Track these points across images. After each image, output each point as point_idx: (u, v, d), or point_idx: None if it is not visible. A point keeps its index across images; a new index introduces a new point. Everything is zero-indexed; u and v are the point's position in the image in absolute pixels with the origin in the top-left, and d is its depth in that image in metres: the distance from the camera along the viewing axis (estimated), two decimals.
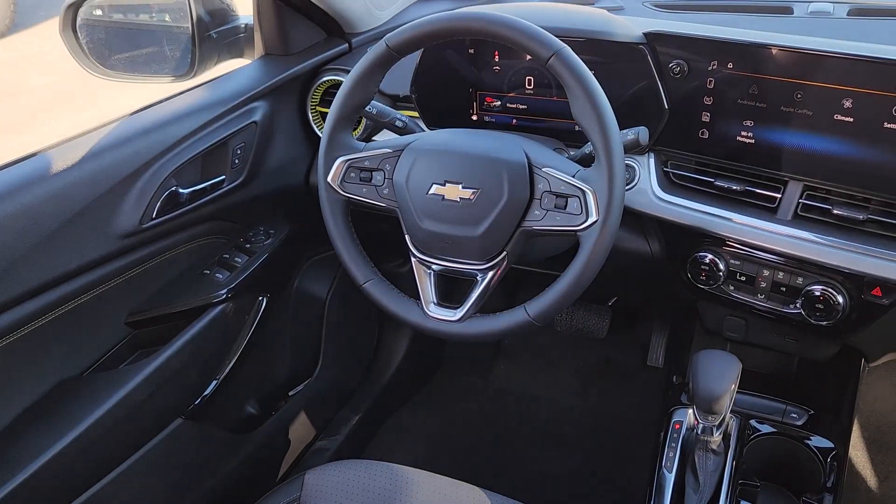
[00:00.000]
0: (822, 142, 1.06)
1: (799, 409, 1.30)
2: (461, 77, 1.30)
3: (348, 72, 1.12)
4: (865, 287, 1.09)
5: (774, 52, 1.05)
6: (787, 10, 1.38)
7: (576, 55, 0.97)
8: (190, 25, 1.30)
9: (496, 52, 1.26)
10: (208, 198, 1.28)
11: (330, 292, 1.73)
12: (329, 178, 1.12)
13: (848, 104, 1.02)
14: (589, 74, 0.97)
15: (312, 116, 1.45)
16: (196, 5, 1.29)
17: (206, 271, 1.34)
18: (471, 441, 1.98)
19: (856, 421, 1.44)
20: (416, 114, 1.34)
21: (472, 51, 1.27)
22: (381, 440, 1.97)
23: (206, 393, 1.32)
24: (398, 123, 1.23)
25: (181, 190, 1.23)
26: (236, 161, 1.32)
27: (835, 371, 1.40)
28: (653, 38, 1.15)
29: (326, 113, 1.16)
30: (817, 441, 1.23)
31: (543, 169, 1.02)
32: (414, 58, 1.28)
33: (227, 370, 1.36)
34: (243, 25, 1.43)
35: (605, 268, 1.00)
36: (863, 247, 1.06)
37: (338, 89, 1.11)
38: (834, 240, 1.08)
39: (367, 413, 1.90)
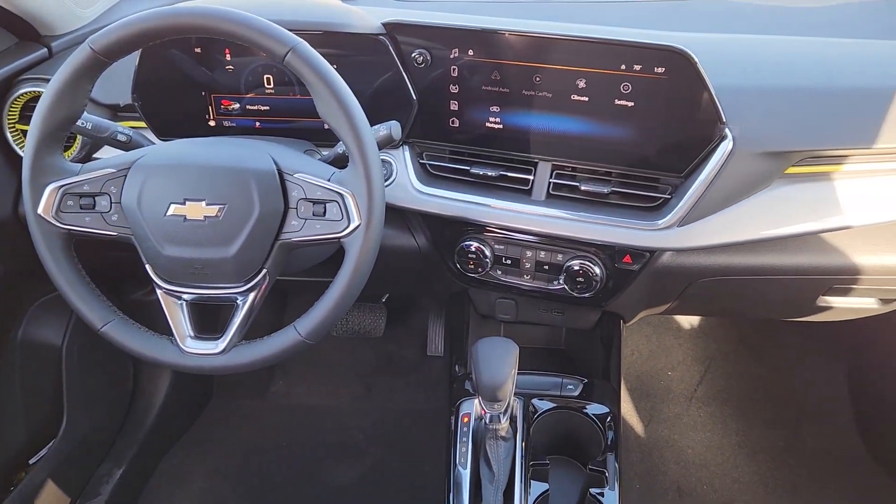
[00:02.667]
0: (563, 122, 1.10)
1: (574, 380, 1.36)
2: (191, 80, 1.16)
3: (49, 81, 0.95)
4: (617, 256, 1.15)
5: (510, 37, 1.06)
6: None
7: (314, 50, 0.90)
8: None
9: (227, 50, 1.14)
10: None
11: (66, 337, 1.50)
12: (40, 210, 0.95)
13: (582, 84, 1.06)
14: (330, 69, 0.90)
15: (12, 136, 1.22)
16: None
17: None
18: (255, 468, 1.85)
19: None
20: (142, 124, 1.19)
21: (198, 49, 1.15)
22: (155, 488, 1.77)
23: None
24: (120, 137, 1.07)
25: None
26: None
27: (598, 336, 1.48)
28: (392, 28, 1.11)
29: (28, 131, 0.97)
30: (594, 408, 1.29)
31: (296, 175, 0.94)
32: (132, 61, 1.12)
33: None
34: None
35: (375, 267, 0.95)
36: (610, 218, 1.11)
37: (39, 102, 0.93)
38: (584, 215, 1.12)
39: (133, 462, 1.69)
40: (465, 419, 1.26)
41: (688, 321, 2.10)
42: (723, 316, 2.04)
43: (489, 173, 1.15)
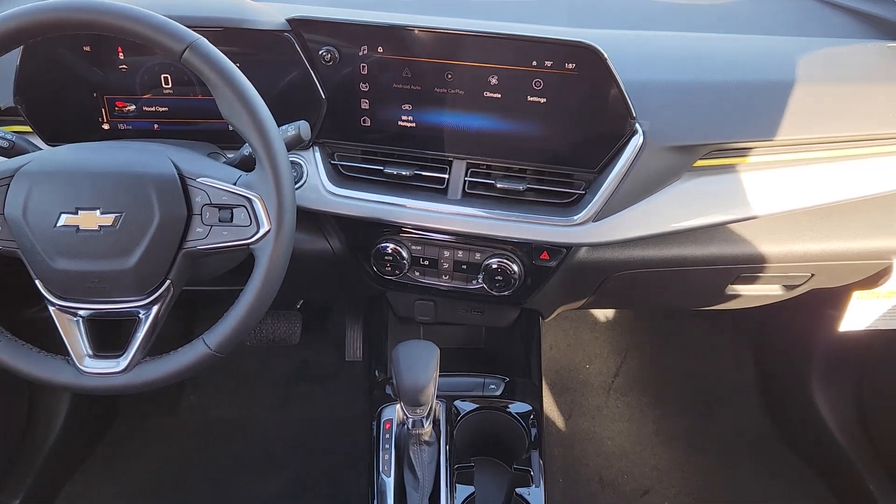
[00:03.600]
0: (476, 119, 1.08)
1: (495, 379, 1.35)
2: (81, 79, 1.09)
3: None
4: (535, 253, 1.15)
5: (420, 34, 1.04)
6: None
7: (213, 47, 0.85)
8: None
9: (119, 48, 1.07)
10: None
11: None
12: None
13: (494, 81, 1.05)
14: (232, 67, 0.86)
15: None
16: None
17: None
18: (169, 486, 1.76)
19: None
20: (27, 128, 1.10)
21: (88, 48, 1.07)
22: None
23: None
24: (2, 143, 0.99)
25: None
26: None
27: (518, 334, 1.48)
28: (297, 24, 1.06)
29: None
30: (516, 407, 1.29)
31: (199, 179, 0.89)
32: (12, 60, 1.04)
33: None
34: None
35: (288, 273, 0.91)
36: (526, 215, 1.11)
37: None
38: (500, 212, 1.11)
39: (31, 492, 1.58)
40: (387, 425, 1.23)
41: (603, 314, 2.14)
42: (638, 308, 2.09)
43: (403, 173, 1.12)
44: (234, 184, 0.89)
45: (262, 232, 0.88)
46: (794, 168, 1.12)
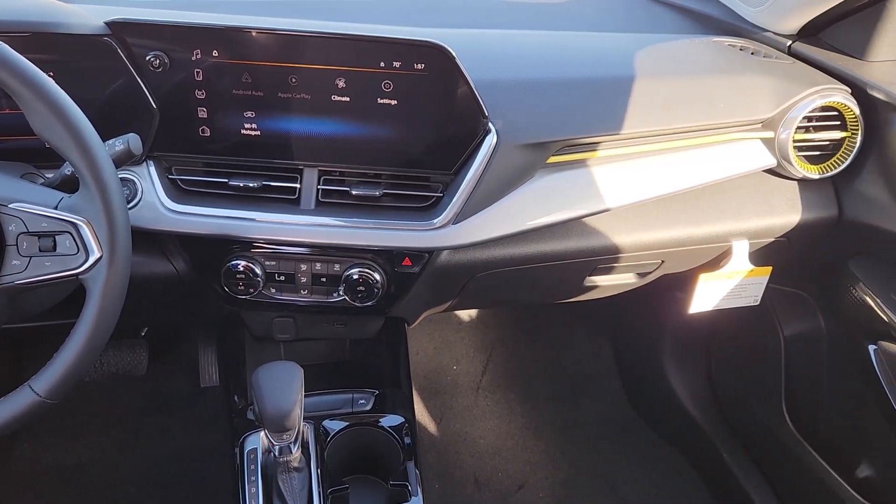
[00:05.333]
0: (325, 125, 1.03)
1: (364, 393, 1.31)
2: None
3: None
4: (396, 260, 1.12)
5: (258, 36, 0.97)
6: None
7: (17, 54, 0.75)
8: None
9: None
10: None
11: None
12: None
13: (342, 84, 1.00)
14: (41, 77, 0.76)
15: None
16: None
17: None
18: None
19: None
20: None
21: None
22: None
23: None
24: None
25: None
26: None
27: (384, 343, 1.45)
28: (119, 28, 0.96)
29: None
30: (388, 420, 1.25)
31: (11, 205, 0.78)
32: None
33: None
34: None
35: (127, 302, 0.83)
36: (384, 222, 1.07)
37: None
38: (357, 220, 1.07)
39: None
40: (252, 455, 1.15)
41: (467, 314, 2.15)
42: (501, 306, 2.11)
43: (250, 184, 1.05)
44: (55, 208, 0.79)
45: (92, 260, 0.78)
46: (640, 160, 1.15)
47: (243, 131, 1.03)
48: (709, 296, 1.33)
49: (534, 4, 1.45)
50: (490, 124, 1.03)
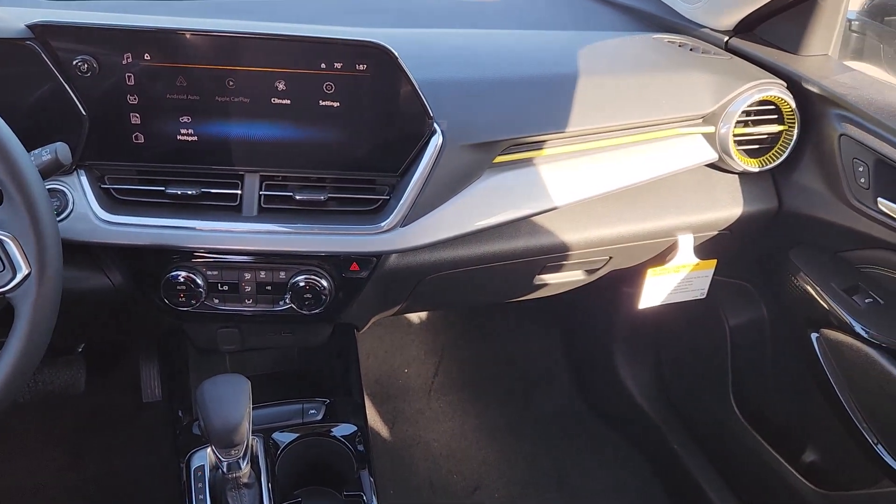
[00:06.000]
0: (265, 128, 1.00)
1: (315, 403, 1.28)
2: None
3: None
4: (343, 265, 1.09)
5: (192, 38, 0.93)
6: None
7: None
8: None
9: None
10: None
11: None
12: None
13: (282, 86, 0.97)
14: None
15: None
16: None
17: None
18: None
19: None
20: None
21: None
22: None
23: None
24: None
25: None
26: None
27: (334, 350, 1.42)
28: (42, 31, 0.92)
29: None
30: (340, 429, 1.23)
31: None
32: None
33: None
34: None
35: (61, 318, 0.79)
36: (330, 227, 1.05)
37: None
38: (302, 226, 1.04)
39: None
40: (199, 472, 1.11)
41: (417, 316, 2.13)
42: (451, 307, 2.10)
43: (189, 192, 1.01)
44: None
45: (19, 277, 0.74)
46: (585, 158, 1.15)
47: (179, 137, 0.99)
48: (657, 291, 1.34)
49: (475, 3, 1.44)
50: (435, 125, 1.01)
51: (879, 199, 1.10)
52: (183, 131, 0.99)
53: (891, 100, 1.11)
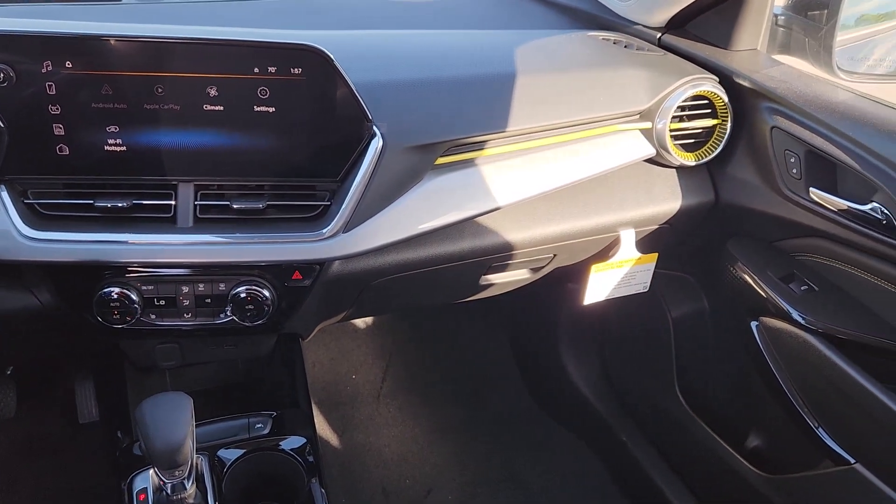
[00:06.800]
0: (198, 136, 0.97)
1: (262, 417, 1.24)
2: None
3: None
4: (285, 274, 1.07)
5: (117, 44, 0.89)
6: None
7: None
8: None
9: None
10: None
11: None
12: None
13: (214, 92, 0.94)
14: None
15: None
16: None
17: None
18: None
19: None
20: None
21: None
22: None
23: None
24: None
25: None
26: None
27: (279, 360, 1.38)
28: None
29: None
30: (289, 442, 1.20)
31: None
32: None
33: None
34: None
35: None
36: (270, 235, 1.02)
37: None
38: (241, 236, 1.01)
39: None
40: (142, 497, 1.07)
41: (363, 320, 2.11)
42: (398, 311, 2.08)
43: (119, 204, 0.97)
44: None
45: None
46: (526, 157, 1.15)
47: (107, 147, 0.94)
48: (601, 286, 1.35)
49: (412, 4, 1.43)
50: (374, 128, 1.00)
51: (811, 189, 1.13)
52: (110, 141, 0.94)
53: (818, 92, 1.14)
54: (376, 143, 1.00)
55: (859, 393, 1.06)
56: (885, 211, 1.03)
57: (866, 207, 1.05)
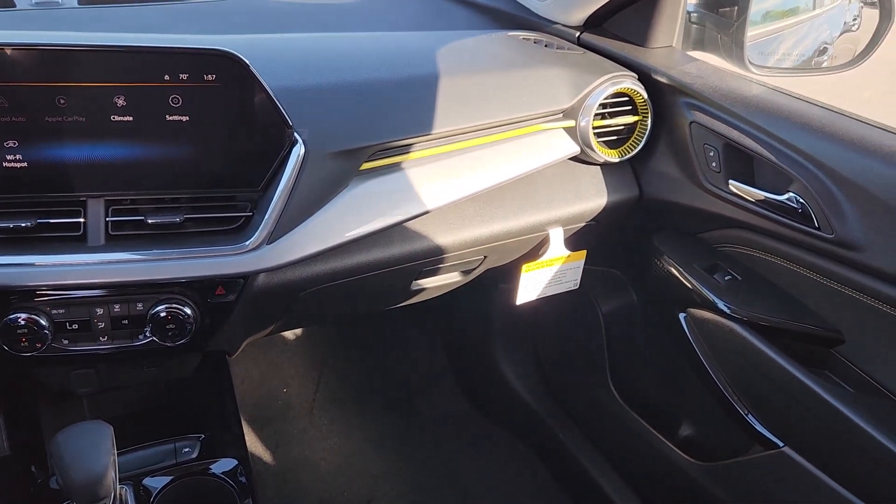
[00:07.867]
0: (107, 149, 0.91)
1: (189, 440, 1.18)
2: None
3: None
4: (208, 290, 1.02)
5: (13, 53, 0.84)
6: (9, 3, 1.15)
7: None
8: None
9: None
10: None
11: None
12: None
13: (122, 102, 0.89)
14: None
15: None
16: None
17: None
18: None
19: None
20: None
21: None
22: None
23: None
24: None
25: None
26: None
27: (206, 379, 1.33)
28: None
29: None
30: (220, 465, 1.14)
31: None
32: None
33: None
34: None
35: None
36: (190, 250, 0.97)
37: None
38: (158, 252, 0.96)
39: None
40: None
41: (292, 332, 2.05)
42: (329, 321, 2.04)
43: (22, 224, 0.90)
44: None
45: None
46: (452, 159, 1.14)
47: (6, 164, 0.88)
48: (532, 285, 1.35)
49: (328, 5, 1.39)
50: (296, 134, 0.96)
51: (730, 182, 1.16)
52: (9, 157, 0.88)
53: (733, 86, 1.17)
54: (298, 150, 0.96)
55: (784, 378, 1.09)
56: (801, 200, 1.06)
57: (783, 197, 1.09)
